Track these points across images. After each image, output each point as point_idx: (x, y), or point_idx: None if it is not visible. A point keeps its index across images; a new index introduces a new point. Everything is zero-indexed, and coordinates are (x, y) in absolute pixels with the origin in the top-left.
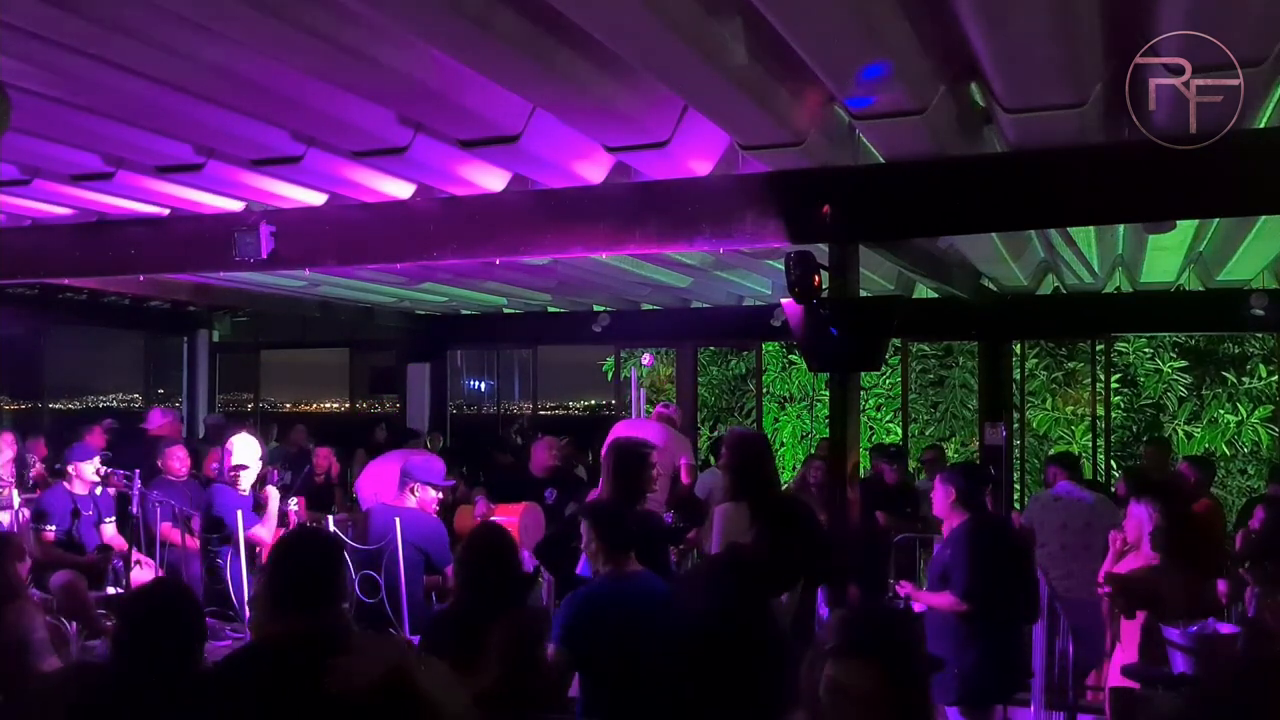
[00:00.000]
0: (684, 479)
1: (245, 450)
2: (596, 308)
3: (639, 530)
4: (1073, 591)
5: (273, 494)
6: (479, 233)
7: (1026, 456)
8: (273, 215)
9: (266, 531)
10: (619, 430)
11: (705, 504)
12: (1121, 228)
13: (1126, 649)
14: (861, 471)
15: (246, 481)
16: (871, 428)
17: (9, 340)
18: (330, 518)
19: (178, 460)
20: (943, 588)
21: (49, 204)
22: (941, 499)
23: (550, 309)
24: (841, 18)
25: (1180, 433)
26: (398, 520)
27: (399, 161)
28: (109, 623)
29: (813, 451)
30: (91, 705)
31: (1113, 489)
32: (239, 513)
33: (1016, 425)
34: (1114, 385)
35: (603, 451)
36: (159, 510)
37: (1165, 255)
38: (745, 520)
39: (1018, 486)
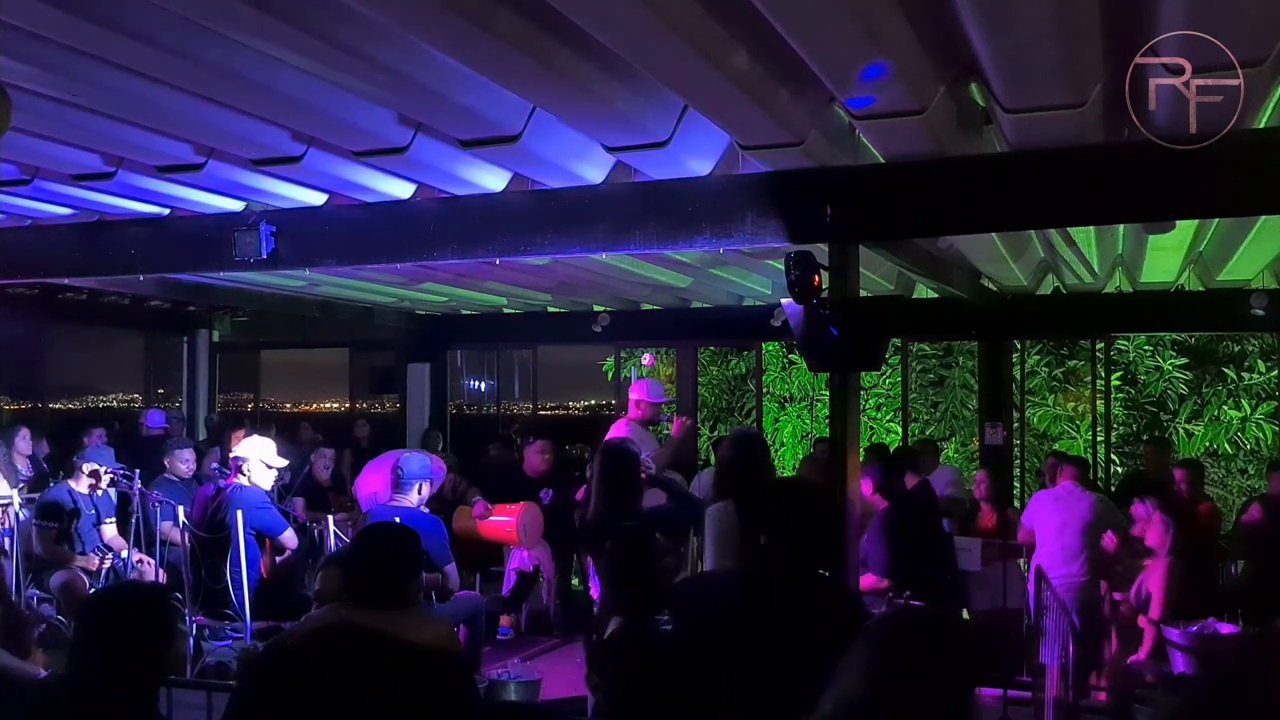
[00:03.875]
0: None
1: (248, 446)
2: (596, 308)
3: None
4: (1073, 592)
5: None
6: (479, 233)
7: (1026, 456)
8: (273, 215)
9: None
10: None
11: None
12: (1121, 228)
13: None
14: None
15: (263, 482)
16: (871, 428)
17: (9, 340)
18: (330, 518)
19: (184, 462)
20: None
21: (49, 204)
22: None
23: (550, 309)
24: (841, 18)
25: (1181, 431)
26: (397, 520)
27: (399, 161)
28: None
29: (811, 452)
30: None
31: (1113, 488)
32: (239, 512)
33: (1016, 425)
34: (1115, 383)
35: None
36: (159, 510)
37: (1165, 255)
38: (732, 518)
39: (1018, 486)
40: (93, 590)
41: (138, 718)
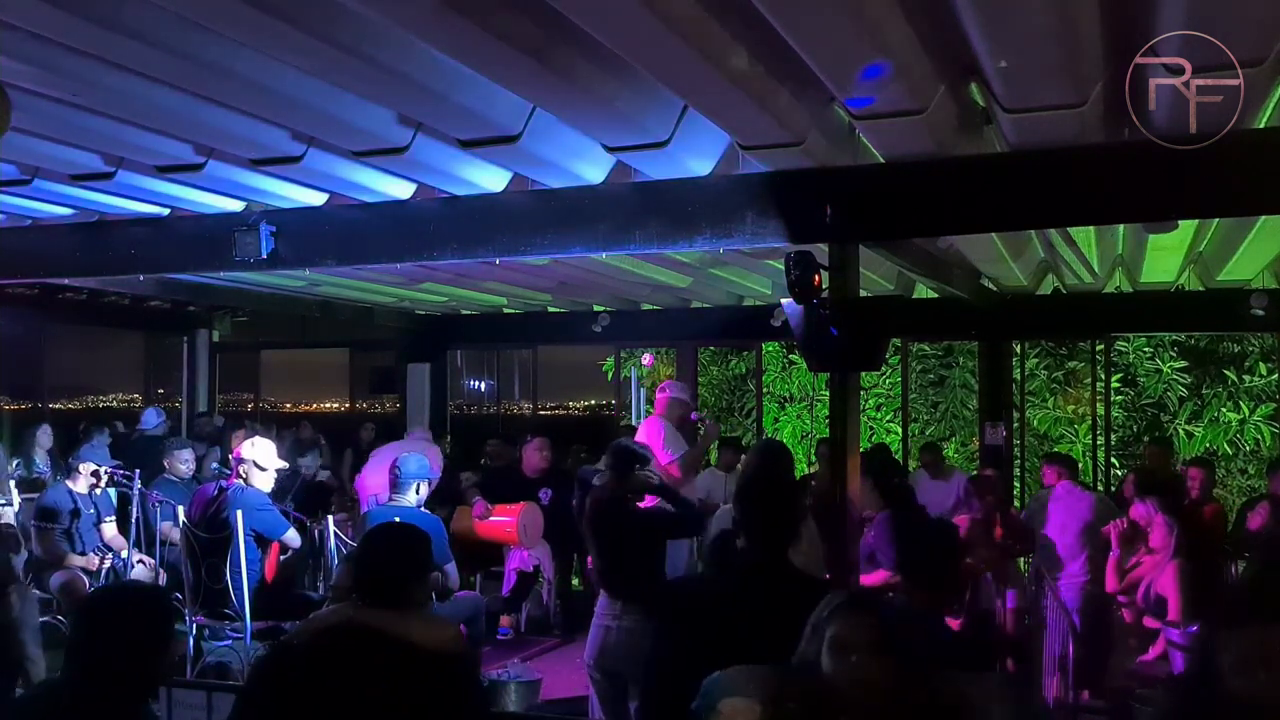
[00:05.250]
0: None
1: (247, 447)
2: (596, 308)
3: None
4: (1071, 592)
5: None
6: (479, 233)
7: (1026, 456)
8: (273, 215)
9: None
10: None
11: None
12: (1121, 228)
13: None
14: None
15: (263, 484)
16: (871, 428)
17: (9, 340)
18: (330, 518)
19: (184, 462)
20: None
21: (49, 204)
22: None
23: (550, 309)
24: (841, 18)
25: (1181, 432)
26: (396, 520)
27: (399, 161)
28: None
29: (812, 454)
30: None
31: (1113, 489)
32: (239, 512)
33: (1016, 425)
34: (1115, 385)
35: None
36: (159, 510)
37: (1165, 255)
38: (727, 521)
39: (1018, 486)
40: (91, 590)
41: (133, 719)
